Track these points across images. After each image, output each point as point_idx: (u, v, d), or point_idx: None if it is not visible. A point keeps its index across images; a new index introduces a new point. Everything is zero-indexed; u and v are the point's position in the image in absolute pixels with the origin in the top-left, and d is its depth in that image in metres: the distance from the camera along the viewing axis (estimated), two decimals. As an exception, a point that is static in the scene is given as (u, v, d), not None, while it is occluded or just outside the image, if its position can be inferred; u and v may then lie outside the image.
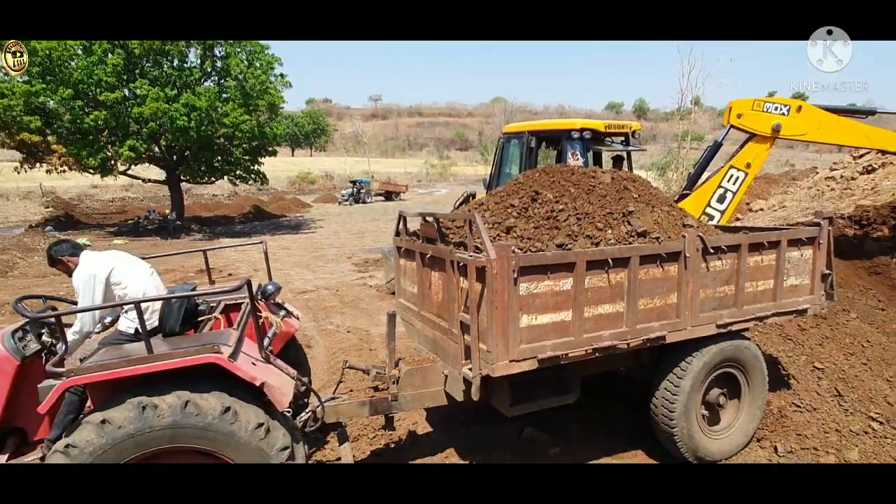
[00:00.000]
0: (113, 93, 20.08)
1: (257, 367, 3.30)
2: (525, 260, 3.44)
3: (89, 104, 20.52)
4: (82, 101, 20.24)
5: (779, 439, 4.81)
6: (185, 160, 24.06)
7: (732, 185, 6.99)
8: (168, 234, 22.40)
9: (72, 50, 19.94)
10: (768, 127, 6.64)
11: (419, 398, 4.32)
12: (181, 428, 2.95)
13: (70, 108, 19.83)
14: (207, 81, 23.04)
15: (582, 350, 3.71)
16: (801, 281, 4.70)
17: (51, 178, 25.01)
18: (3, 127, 20.30)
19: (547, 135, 8.69)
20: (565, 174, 4.42)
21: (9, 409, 3.40)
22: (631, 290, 3.82)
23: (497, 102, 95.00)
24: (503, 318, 3.40)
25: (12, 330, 3.54)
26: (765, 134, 6.70)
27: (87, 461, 2.87)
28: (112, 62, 19.97)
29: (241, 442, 3.05)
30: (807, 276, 4.71)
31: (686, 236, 3.97)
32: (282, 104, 24.62)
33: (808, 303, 4.72)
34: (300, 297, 10.85)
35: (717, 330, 4.25)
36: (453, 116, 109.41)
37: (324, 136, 69.20)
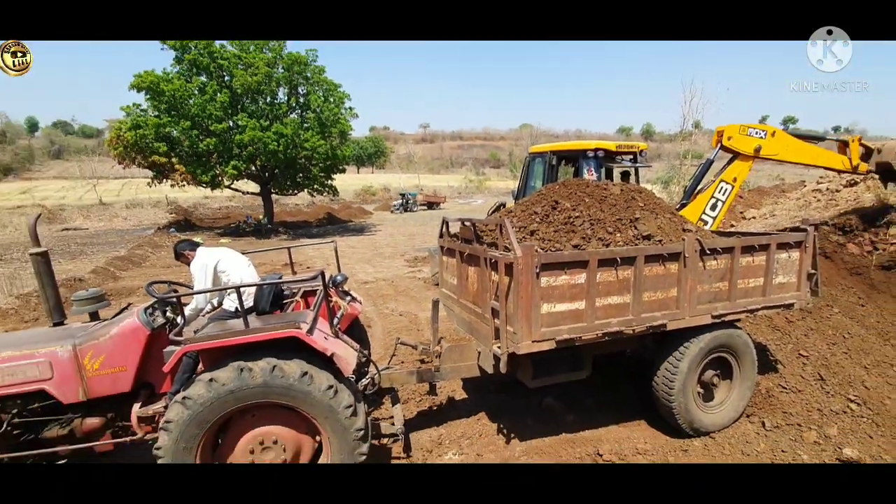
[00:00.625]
0: (221, 124, 20.88)
1: (328, 341, 3.36)
2: (545, 258, 3.39)
3: (203, 133, 21.30)
4: (198, 130, 21.08)
5: (766, 416, 4.56)
6: (274, 177, 24.57)
7: (722, 195, 6.93)
8: (261, 235, 22.94)
9: (190, 90, 20.84)
10: (751, 148, 6.60)
11: (457, 370, 4.32)
12: (269, 387, 3.04)
13: (188, 136, 20.78)
14: (292, 114, 23.48)
15: (593, 334, 3.63)
16: (789, 279, 4.43)
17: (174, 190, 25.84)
18: (139, 151, 21.10)
19: (566, 154, 8.54)
20: (581, 186, 4.32)
21: (141, 368, 3.54)
22: (636, 285, 3.70)
23: (525, 128, 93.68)
24: (527, 305, 3.36)
25: (144, 307, 3.69)
26: (748, 154, 6.66)
27: (198, 410, 2.98)
28: (220, 100, 20.74)
29: (315, 399, 3.11)
30: (794, 275, 4.44)
31: (686, 239, 3.82)
32: (350, 131, 24.86)
33: (794, 298, 4.45)
34: (363, 287, 10.99)
35: (712, 320, 4.06)
36: (488, 140, 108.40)
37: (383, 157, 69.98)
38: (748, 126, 6.68)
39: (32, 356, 3.27)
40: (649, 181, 26.30)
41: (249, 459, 3.20)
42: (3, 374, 3.21)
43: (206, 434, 3.05)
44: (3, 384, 3.22)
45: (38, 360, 3.27)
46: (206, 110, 20.66)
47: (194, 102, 20.74)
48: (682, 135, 23.95)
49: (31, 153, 58.54)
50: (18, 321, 8.21)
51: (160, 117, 20.45)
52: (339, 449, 3.23)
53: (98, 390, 3.39)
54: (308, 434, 3.33)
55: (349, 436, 3.21)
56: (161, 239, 20.59)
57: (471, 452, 4.23)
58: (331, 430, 3.20)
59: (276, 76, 21.99)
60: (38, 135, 70.86)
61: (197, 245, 4.07)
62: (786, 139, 6.64)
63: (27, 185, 47.78)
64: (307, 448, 3.33)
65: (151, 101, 20.74)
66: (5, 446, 3.31)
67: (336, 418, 3.17)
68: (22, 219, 27.25)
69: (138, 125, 20.26)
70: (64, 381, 3.31)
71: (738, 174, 6.85)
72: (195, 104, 20.68)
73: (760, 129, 6.67)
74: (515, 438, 4.39)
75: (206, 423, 3.02)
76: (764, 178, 33.28)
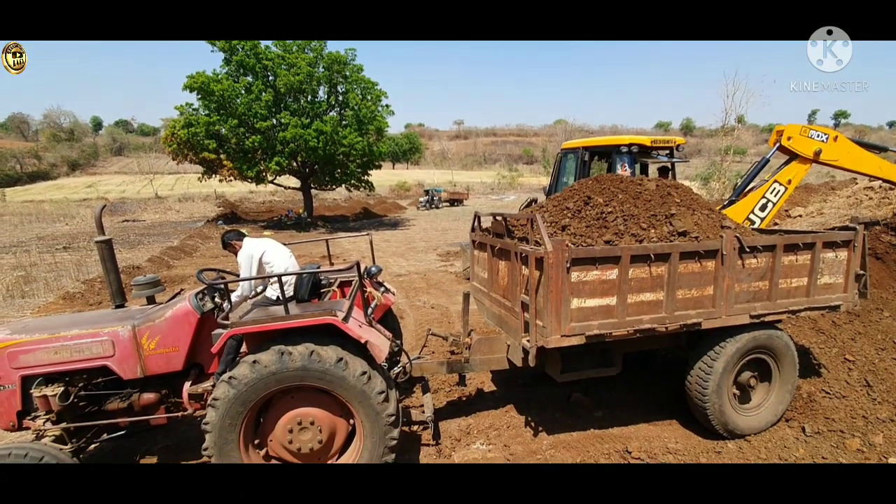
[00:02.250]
0: (265, 122, 21.58)
1: (363, 329, 3.43)
2: (576, 253, 3.33)
3: (249, 131, 22.02)
4: (244, 128, 21.84)
5: (807, 421, 4.33)
6: (314, 172, 25.15)
7: (774, 196, 6.64)
8: (301, 227, 23.47)
9: (237, 90, 21.57)
10: (811, 151, 6.31)
11: (486, 362, 4.32)
12: (307, 370, 3.14)
13: (235, 133, 21.58)
14: (332, 112, 23.91)
15: (624, 330, 3.54)
16: (836, 280, 4.17)
17: (222, 185, 27.01)
18: (191, 148, 22.14)
19: (599, 149, 8.29)
20: (615, 182, 4.21)
21: (192, 349, 3.72)
22: (670, 282, 3.58)
23: (559, 124, 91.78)
24: (556, 300, 3.32)
25: (195, 293, 3.86)
26: (807, 157, 6.36)
27: (242, 390, 3.11)
28: (265, 99, 21.38)
29: (349, 384, 3.19)
30: (841, 275, 4.18)
31: (724, 236, 3.66)
32: (386, 128, 25.05)
33: (841, 300, 4.19)
34: (396, 279, 11.14)
35: (751, 320, 3.88)
36: (522, 136, 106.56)
37: (417, 153, 70.32)
38: (810, 128, 6.40)
39: (97, 335, 3.49)
40: (688, 178, 25.27)
41: (288, 438, 3.31)
42: (71, 350, 3.45)
43: (249, 412, 3.18)
44: (71, 359, 3.46)
45: (102, 339, 3.49)
46: (251, 109, 21.35)
47: (241, 101, 21.46)
48: (724, 130, 22.88)
49: (95, 150, 62.43)
50: (84, 304, 8.80)
51: (210, 116, 21.32)
52: (371, 432, 3.30)
53: (154, 368, 3.59)
54: (343, 417, 3.42)
55: (381, 420, 3.27)
56: (210, 231, 21.50)
57: (498, 443, 4.24)
58: (364, 414, 3.27)
59: (316, 75, 22.44)
60: (101, 133, 75.38)
61: (243, 235, 4.21)
62: (847, 146, 6.32)
63: (92, 179, 50.93)
64: (342, 430, 3.43)
65: (202, 101, 21.61)
66: (72, 416, 3.58)
67: (369, 403, 3.24)
68: (87, 210, 29.16)
69: (190, 123, 21.21)
70: (124, 358, 3.52)
71: (793, 176, 6.56)
72: (242, 103, 21.39)
73: (823, 131, 6.37)
74: (543, 431, 4.36)
75: (249, 401, 3.15)
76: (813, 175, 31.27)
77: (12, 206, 32.63)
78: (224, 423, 3.14)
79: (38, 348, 3.42)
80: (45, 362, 3.43)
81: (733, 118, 21.96)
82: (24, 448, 3.15)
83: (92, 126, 76.95)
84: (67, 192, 41.31)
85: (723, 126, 22.49)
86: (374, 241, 5.21)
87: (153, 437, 4.43)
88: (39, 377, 3.49)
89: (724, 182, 21.06)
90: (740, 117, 22.54)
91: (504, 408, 4.83)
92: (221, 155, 22.38)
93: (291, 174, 25.14)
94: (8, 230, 21.58)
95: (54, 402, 3.42)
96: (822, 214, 11.97)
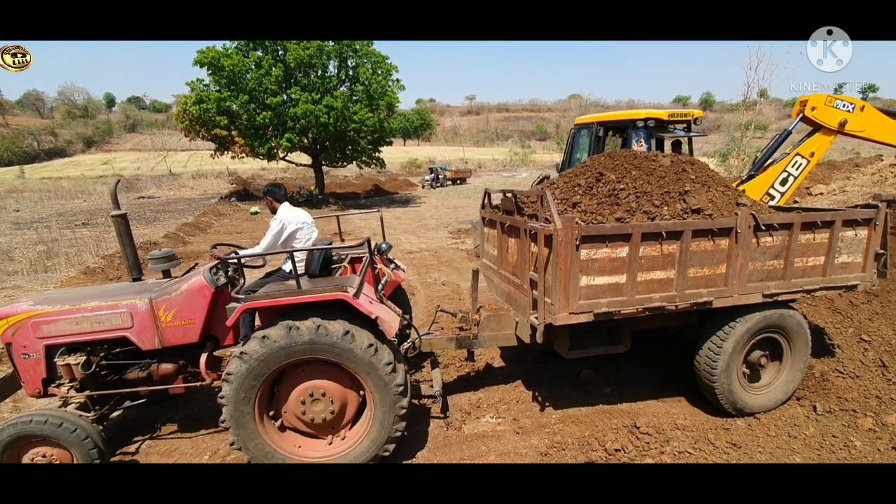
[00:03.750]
0: (276, 97, 21.36)
1: (373, 305, 3.48)
2: (586, 230, 3.30)
3: (259, 107, 21.84)
4: (254, 104, 21.66)
5: (819, 400, 4.32)
6: (325, 149, 24.97)
7: (795, 170, 6.42)
8: (313, 205, 23.35)
9: (247, 65, 21.36)
10: (836, 121, 6.04)
11: (495, 338, 4.37)
12: (315, 344, 3.22)
13: (246, 109, 21.44)
14: (342, 87, 23.58)
15: (633, 308, 3.53)
16: (854, 259, 4.08)
17: (234, 162, 26.95)
18: (203, 124, 22.04)
19: (614, 124, 8.05)
20: (628, 158, 4.13)
21: (207, 322, 3.82)
22: (682, 260, 3.54)
23: (573, 98, 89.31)
24: (565, 277, 3.32)
25: (209, 267, 3.94)
26: (831, 127, 6.09)
27: (254, 364, 3.20)
28: (275, 74, 21.13)
29: (357, 356, 3.27)
30: (860, 254, 4.09)
31: (739, 214, 3.59)
32: (397, 104, 24.66)
33: (858, 279, 4.10)
34: (407, 256, 11.20)
35: (763, 299, 3.84)
36: (535, 111, 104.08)
37: (428, 130, 69.39)
38: (835, 97, 6.11)
39: (117, 307, 3.61)
40: (706, 154, 24.63)
41: (301, 409, 3.43)
42: (92, 321, 3.59)
43: (262, 385, 3.29)
44: (92, 330, 3.60)
45: (121, 311, 3.61)
46: (262, 84, 21.14)
47: (251, 77, 21.26)
48: (745, 104, 22.14)
49: (109, 127, 62.94)
50: (104, 278, 9.07)
51: (221, 92, 21.18)
52: (380, 402, 3.39)
53: (171, 339, 3.72)
54: (353, 389, 3.52)
55: (390, 390, 3.36)
56: (223, 208, 21.71)
57: (507, 417, 4.32)
58: (373, 384, 3.36)
59: (326, 49, 22.07)
60: (114, 110, 75.82)
61: (284, 198, 4.23)
62: (875, 115, 6.01)
63: (107, 156, 51.53)
64: (352, 401, 3.53)
65: (213, 77, 21.45)
66: (95, 385, 3.75)
67: (377, 374, 3.31)
68: (104, 187, 29.60)
69: (201, 99, 21.12)
70: (142, 329, 3.65)
71: (816, 149, 6.30)
72: (252, 78, 21.20)
73: (849, 101, 6.07)
74: (551, 406, 4.43)
75: (261, 375, 3.25)
76: (836, 151, 30.24)
77: (32, 183, 33.29)
78: (238, 396, 3.25)
79: (60, 319, 3.56)
80: (67, 332, 3.58)
81: (755, 92, 21.21)
82: (44, 414, 3.31)
83: (105, 103, 77.44)
84: (84, 169, 41.94)
85: (744, 100, 21.75)
86: (385, 219, 5.21)
87: (174, 406, 4.61)
88: (62, 347, 3.64)
89: (743, 158, 20.52)
90: (763, 91, 21.77)
91: (513, 383, 4.90)
92: (233, 131, 22.33)
93: (302, 151, 25.04)
94: (29, 206, 22.06)
95: (77, 371, 3.58)
96: (845, 192, 11.63)
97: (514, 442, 3.96)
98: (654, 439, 3.87)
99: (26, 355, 3.61)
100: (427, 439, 4.03)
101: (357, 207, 23.63)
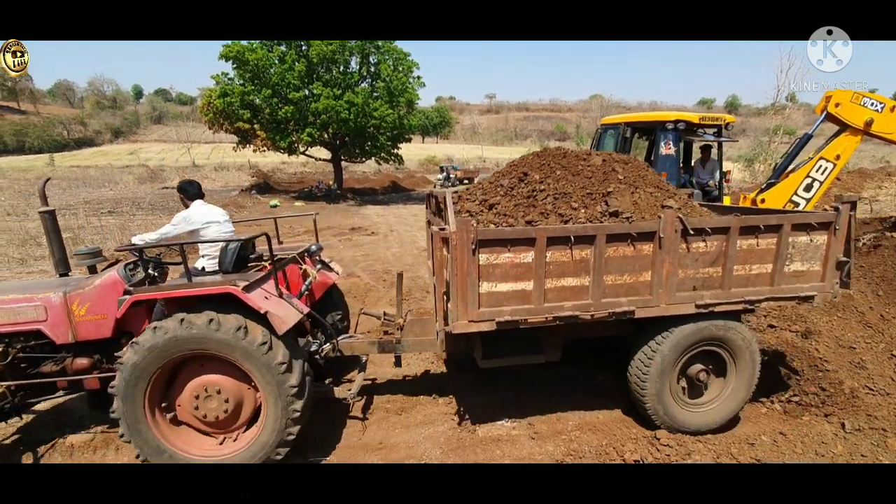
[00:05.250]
0: (298, 92, 21.39)
1: (269, 301, 3.37)
2: (483, 234, 3.10)
3: (281, 101, 21.86)
4: (277, 98, 21.70)
5: (847, 417, 4.01)
6: (345, 144, 24.92)
7: (820, 175, 6.07)
8: (331, 199, 23.37)
9: (271, 60, 21.48)
10: (861, 120, 5.71)
11: (418, 343, 4.20)
12: (207, 338, 3.18)
13: (269, 104, 21.48)
14: (363, 83, 23.47)
15: (542, 317, 3.31)
16: (810, 267, 3.71)
17: (255, 155, 27.17)
18: (226, 117, 22.20)
19: (642, 125, 7.81)
20: (557, 157, 3.88)
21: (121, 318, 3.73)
22: (597, 267, 3.29)
23: (594, 99, 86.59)
24: (462, 283, 3.14)
25: (125, 264, 3.97)
26: (857, 127, 5.75)
27: (145, 355, 3.20)
28: (298, 69, 21.17)
29: (249, 353, 3.20)
30: (817, 262, 3.71)
31: (662, 217, 3.30)
32: (417, 101, 24.46)
33: (816, 290, 3.73)
34: (422, 254, 10.72)
35: (697, 310, 3.55)
36: (555, 111, 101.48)
37: (447, 128, 68.51)
38: (862, 94, 5.76)
39: (32, 300, 3.66)
40: (730, 159, 23.51)
41: (195, 405, 3.42)
42: (7, 313, 3.67)
43: (154, 376, 3.27)
44: (7, 321, 3.67)
45: (35, 304, 3.67)
46: (284, 79, 21.18)
47: (275, 71, 21.33)
48: (775, 108, 21.03)
49: (136, 118, 65.15)
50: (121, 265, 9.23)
51: (245, 85, 21.36)
52: (273, 404, 3.31)
53: (84, 334, 3.76)
54: (252, 388, 3.44)
55: (283, 391, 3.27)
56: (244, 200, 21.94)
57: (522, 421, 4.19)
58: (265, 383, 3.28)
59: (349, 45, 21.95)
60: (142, 101, 78.36)
61: (195, 199, 4.16)
62: None
63: (134, 146, 53.40)
64: (250, 401, 3.46)
65: (237, 70, 21.56)
66: (12, 376, 3.81)
67: (270, 372, 3.24)
68: (130, 177, 30.67)
69: (226, 93, 21.30)
70: (56, 323, 3.70)
71: (842, 151, 5.94)
72: (275, 73, 21.26)
73: (878, 100, 5.73)
74: (567, 412, 4.28)
75: (152, 366, 3.23)
76: (867, 159, 28.29)
77: (61, 171, 34.75)
78: (129, 386, 3.25)
79: None
80: None
81: (784, 96, 20.14)
82: None
83: (133, 94, 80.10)
84: (111, 159, 43.60)
85: (773, 104, 20.64)
86: (402, 216, 5.10)
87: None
88: None
89: (769, 164, 19.56)
90: (791, 95, 20.66)
91: (528, 386, 4.73)
92: (255, 125, 22.53)
93: (322, 146, 25.11)
94: (57, 194, 22.84)
95: None
96: (878, 201, 10.92)
97: (530, 447, 3.86)
98: (675, 451, 3.64)
99: None
100: (441, 441, 3.97)
101: (374, 203, 23.47)
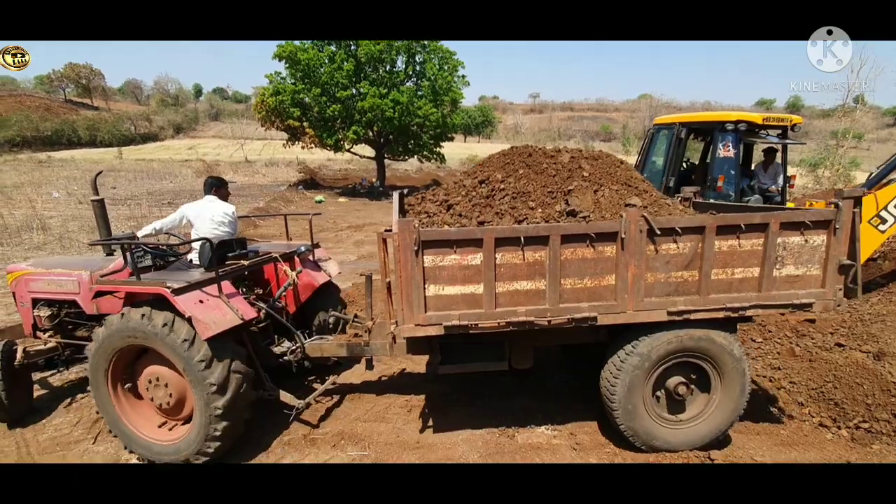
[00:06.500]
0: (346, 91, 21.95)
1: (203, 304, 3.44)
2: (426, 235, 3.02)
3: (330, 100, 22.40)
4: (326, 97, 22.31)
5: None
6: (388, 142, 25.23)
7: None
8: (374, 196, 23.62)
9: (321, 59, 22.08)
10: None
11: (386, 346, 4.15)
12: (142, 332, 3.41)
13: (318, 102, 22.15)
14: (409, 82, 23.65)
15: (493, 322, 3.19)
16: (806, 271, 3.34)
17: (303, 152, 28.07)
18: (278, 115, 23.25)
19: (699, 126, 7.25)
20: (523, 156, 3.71)
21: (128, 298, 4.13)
22: (552, 269, 3.12)
23: (643, 99, 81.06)
24: (406, 286, 3.08)
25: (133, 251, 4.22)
26: None
27: (101, 344, 3.56)
28: (346, 68, 21.63)
29: (174, 349, 3.37)
30: (815, 265, 3.33)
31: (624, 216, 3.08)
32: (461, 100, 24.40)
33: (814, 297, 3.35)
34: None
35: (670, 317, 3.29)
36: (601, 111, 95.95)
37: (490, 127, 67.22)
38: None
39: (70, 275, 4.19)
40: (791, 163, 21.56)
41: (146, 389, 3.72)
42: (55, 283, 4.26)
43: (112, 362, 3.63)
44: (57, 290, 4.26)
45: (72, 279, 4.17)
46: (333, 78, 21.73)
47: (324, 71, 21.93)
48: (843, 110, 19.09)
49: (196, 115, 69.08)
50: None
51: (296, 84, 22.17)
52: (199, 398, 3.44)
53: (104, 308, 4.12)
54: None
55: (203, 388, 3.38)
56: (291, 195, 22.54)
57: (563, 430, 4.08)
58: (190, 378, 3.43)
59: (396, 45, 22.14)
60: (201, 99, 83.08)
61: (209, 192, 4.50)
62: None
63: (192, 142, 56.71)
64: (191, 397, 3.58)
65: (290, 70, 22.35)
66: (63, 335, 4.48)
67: (192, 369, 3.37)
68: (188, 170, 32.56)
69: (278, 91, 22.25)
70: (85, 296, 4.16)
71: None
72: (325, 72, 21.87)
73: None
74: (610, 423, 3.92)
75: (107, 353, 3.59)
76: None
77: (127, 164, 37.41)
78: (95, 369, 3.64)
79: (39, 279, 4.30)
80: (42, 290, 4.31)
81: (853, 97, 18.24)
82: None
83: (193, 93, 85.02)
84: (172, 153, 46.51)
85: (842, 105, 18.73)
86: None
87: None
88: (41, 301, 4.39)
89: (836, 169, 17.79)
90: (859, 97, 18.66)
91: (568, 393, 4.66)
92: (304, 123, 23.26)
93: (367, 143, 25.48)
94: (124, 185, 24.51)
95: (43, 322, 4.38)
96: None
97: (571, 458, 3.72)
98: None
99: (23, 304, 4.45)
100: (478, 444, 3.92)
101: (416, 202, 23.42)
